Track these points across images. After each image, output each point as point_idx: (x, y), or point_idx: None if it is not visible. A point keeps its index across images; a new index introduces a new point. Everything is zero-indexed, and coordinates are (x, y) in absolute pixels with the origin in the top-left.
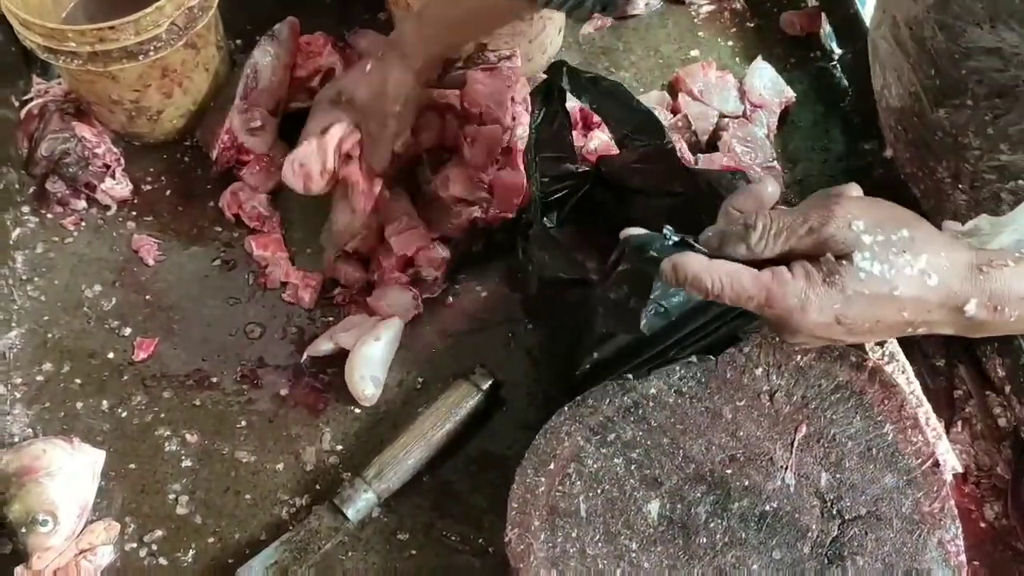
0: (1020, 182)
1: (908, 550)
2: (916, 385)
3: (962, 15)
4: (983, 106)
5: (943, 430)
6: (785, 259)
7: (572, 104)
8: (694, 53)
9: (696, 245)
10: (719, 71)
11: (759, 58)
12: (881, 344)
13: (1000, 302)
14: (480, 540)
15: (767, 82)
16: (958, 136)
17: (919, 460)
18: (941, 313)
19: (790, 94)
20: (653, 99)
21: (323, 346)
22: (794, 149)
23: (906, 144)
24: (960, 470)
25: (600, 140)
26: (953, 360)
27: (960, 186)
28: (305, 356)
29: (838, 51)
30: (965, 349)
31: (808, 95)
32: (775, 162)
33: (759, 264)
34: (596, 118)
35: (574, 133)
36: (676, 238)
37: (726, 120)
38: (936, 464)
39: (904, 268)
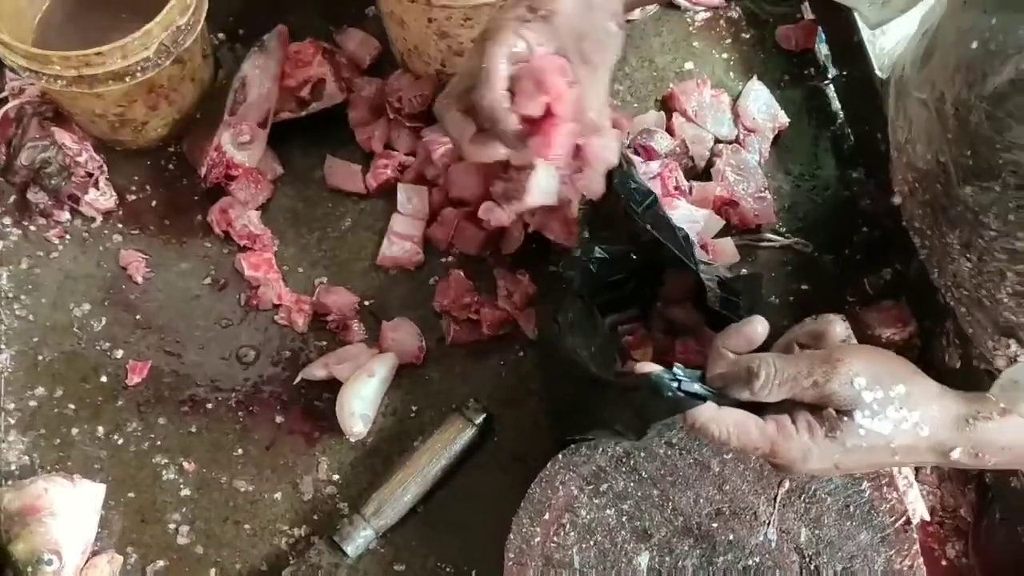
0: None
1: None
2: None
3: (1015, 114)
4: (1011, 194)
5: (913, 476)
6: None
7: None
8: (688, 66)
9: (701, 387)
10: (714, 89)
11: (755, 79)
12: None
13: (982, 450)
14: (473, 571)
15: (761, 106)
16: (979, 214)
17: (892, 518)
18: (928, 456)
19: (783, 119)
20: (651, 120)
21: (318, 371)
22: (783, 175)
23: (920, 203)
24: (927, 518)
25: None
26: None
27: (968, 255)
28: (299, 378)
29: (832, 71)
30: None
31: (800, 115)
32: (767, 192)
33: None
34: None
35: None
36: (684, 378)
37: (720, 146)
38: (908, 522)
39: (901, 423)
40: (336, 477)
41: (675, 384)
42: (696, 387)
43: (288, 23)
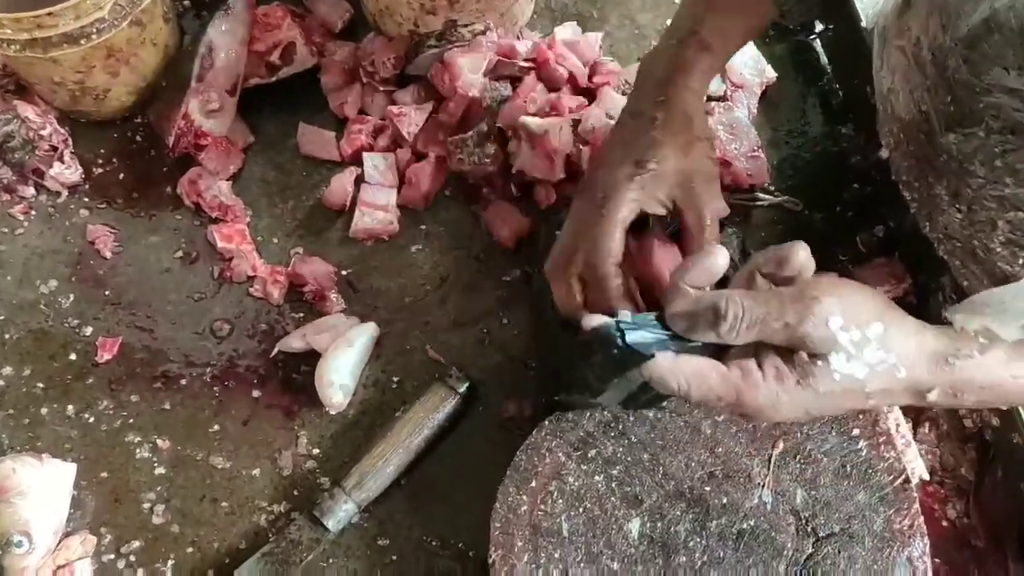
0: (1020, 213)
1: (879, 568)
2: None
3: (990, 55)
4: (994, 139)
5: (911, 436)
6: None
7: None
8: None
9: (656, 333)
10: None
11: None
12: None
13: (960, 390)
14: (460, 544)
15: (748, 60)
16: (963, 163)
17: (891, 476)
18: (904, 397)
19: (771, 74)
20: None
21: (295, 343)
22: (771, 131)
23: (906, 154)
24: (927, 478)
25: (598, 118)
26: None
27: (957, 206)
28: (276, 350)
29: (819, 26)
30: None
31: (787, 71)
32: (760, 151)
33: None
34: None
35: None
36: (631, 326)
37: (712, 104)
38: (907, 481)
39: (877, 365)
40: (316, 451)
41: (619, 337)
42: (646, 335)
43: None
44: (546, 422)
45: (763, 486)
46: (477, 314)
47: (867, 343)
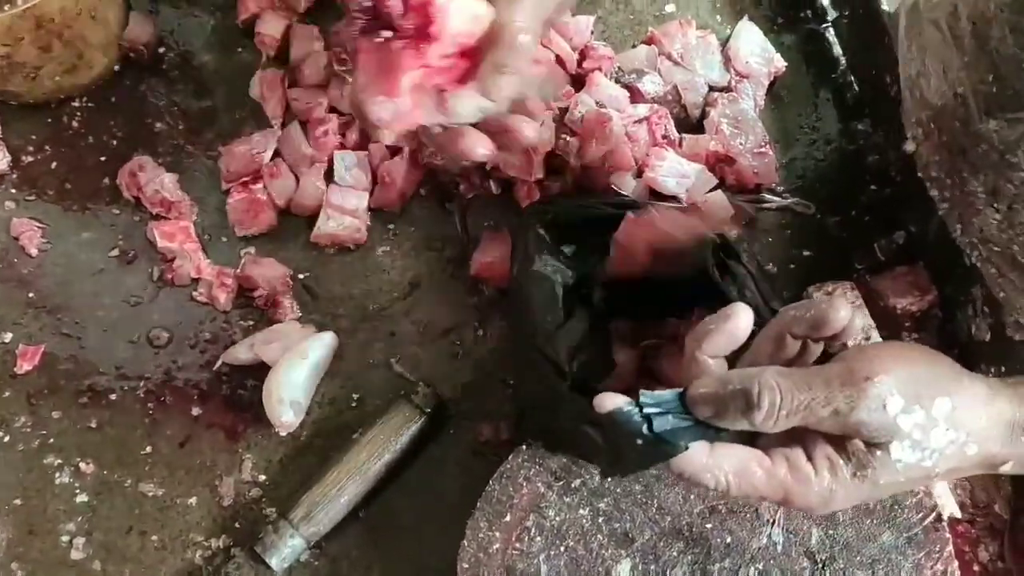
0: None
1: None
2: None
3: None
4: None
5: None
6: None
7: None
8: (669, 8)
9: (681, 418)
10: (699, 30)
11: (745, 18)
12: None
13: None
14: None
15: (755, 48)
16: (1005, 153)
17: (920, 514)
18: (974, 470)
19: (780, 63)
20: (641, 57)
21: (242, 354)
22: (781, 127)
23: (937, 146)
24: (958, 515)
25: (588, 106)
26: None
27: (996, 205)
28: (220, 362)
29: (832, 13)
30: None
31: (797, 63)
32: (767, 147)
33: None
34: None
35: None
36: (656, 410)
37: (715, 95)
38: (939, 519)
39: (946, 448)
40: (263, 478)
41: (644, 425)
42: (674, 421)
43: None
44: (524, 447)
45: (773, 523)
46: (449, 325)
47: (934, 424)
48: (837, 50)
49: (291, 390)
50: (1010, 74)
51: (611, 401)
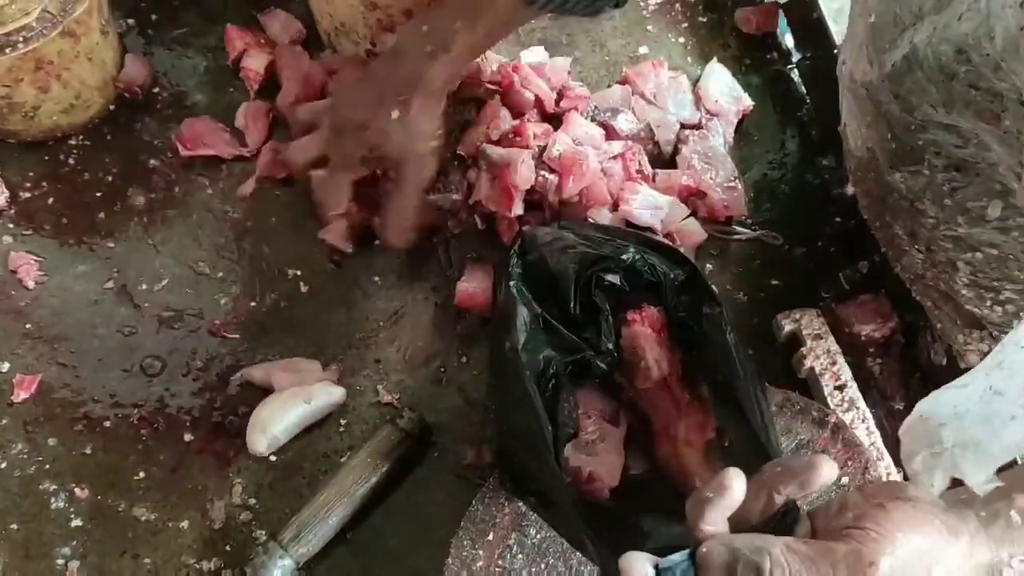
0: (977, 255)
1: None
2: (877, 436)
3: (916, 92)
4: (940, 178)
5: None
6: None
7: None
8: (643, 50)
9: None
10: (671, 71)
11: (714, 60)
12: (841, 389)
13: None
14: None
15: (723, 88)
16: (914, 201)
17: None
18: None
19: (748, 102)
20: (616, 96)
21: (257, 374)
22: (749, 162)
23: (864, 193)
24: None
25: (565, 144)
26: (913, 403)
27: (916, 247)
28: (238, 376)
29: (796, 55)
30: (924, 388)
31: (764, 101)
32: (737, 181)
33: None
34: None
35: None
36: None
37: (686, 132)
38: None
39: None
40: (253, 501)
41: None
42: None
43: (206, 6)
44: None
45: None
46: (433, 352)
47: None
48: (802, 90)
49: (277, 425)
50: (902, 134)
51: (636, 566)
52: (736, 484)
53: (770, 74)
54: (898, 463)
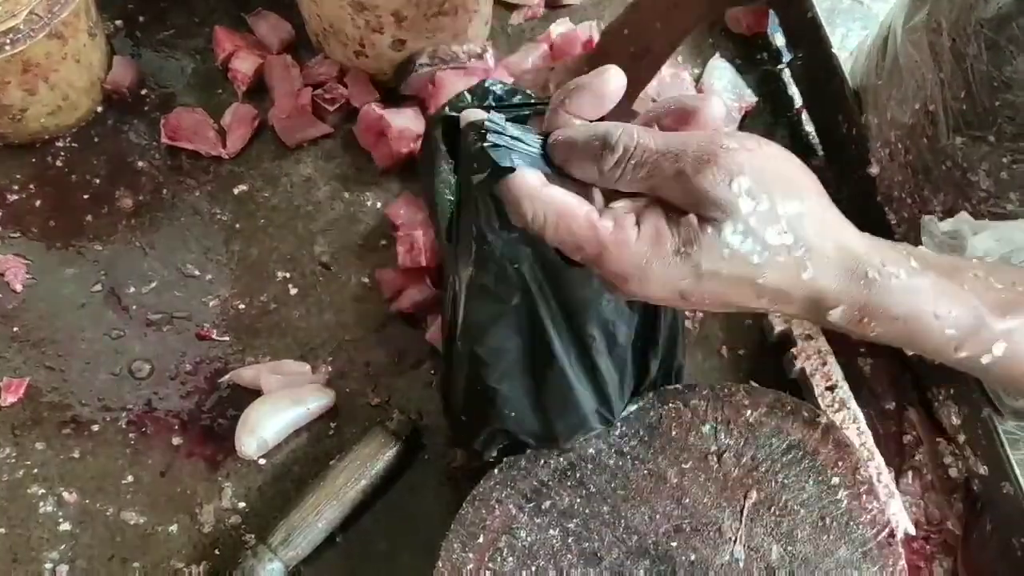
0: None
1: None
2: (868, 436)
3: (1018, 39)
4: (1006, 146)
5: (894, 485)
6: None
7: None
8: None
9: (528, 148)
10: (671, 67)
11: (717, 56)
12: (831, 389)
13: (869, 316)
14: None
15: (727, 84)
16: (967, 172)
17: (874, 530)
18: (801, 307)
19: (751, 98)
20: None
21: (246, 375)
22: None
23: (902, 165)
24: (912, 532)
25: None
26: (903, 403)
27: None
28: (228, 378)
29: (787, 55)
30: (915, 388)
31: (755, 102)
32: None
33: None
34: None
35: None
36: (498, 128)
37: None
38: (892, 534)
39: (779, 254)
40: (242, 505)
41: (505, 152)
42: (511, 133)
43: (193, 7)
44: (496, 471)
45: (735, 540)
46: (424, 354)
47: (774, 221)
48: (793, 90)
49: (266, 428)
50: (981, 92)
51: (474, 114)
52: (614, 75)
53: (761, 74)
54: (889, 463)
